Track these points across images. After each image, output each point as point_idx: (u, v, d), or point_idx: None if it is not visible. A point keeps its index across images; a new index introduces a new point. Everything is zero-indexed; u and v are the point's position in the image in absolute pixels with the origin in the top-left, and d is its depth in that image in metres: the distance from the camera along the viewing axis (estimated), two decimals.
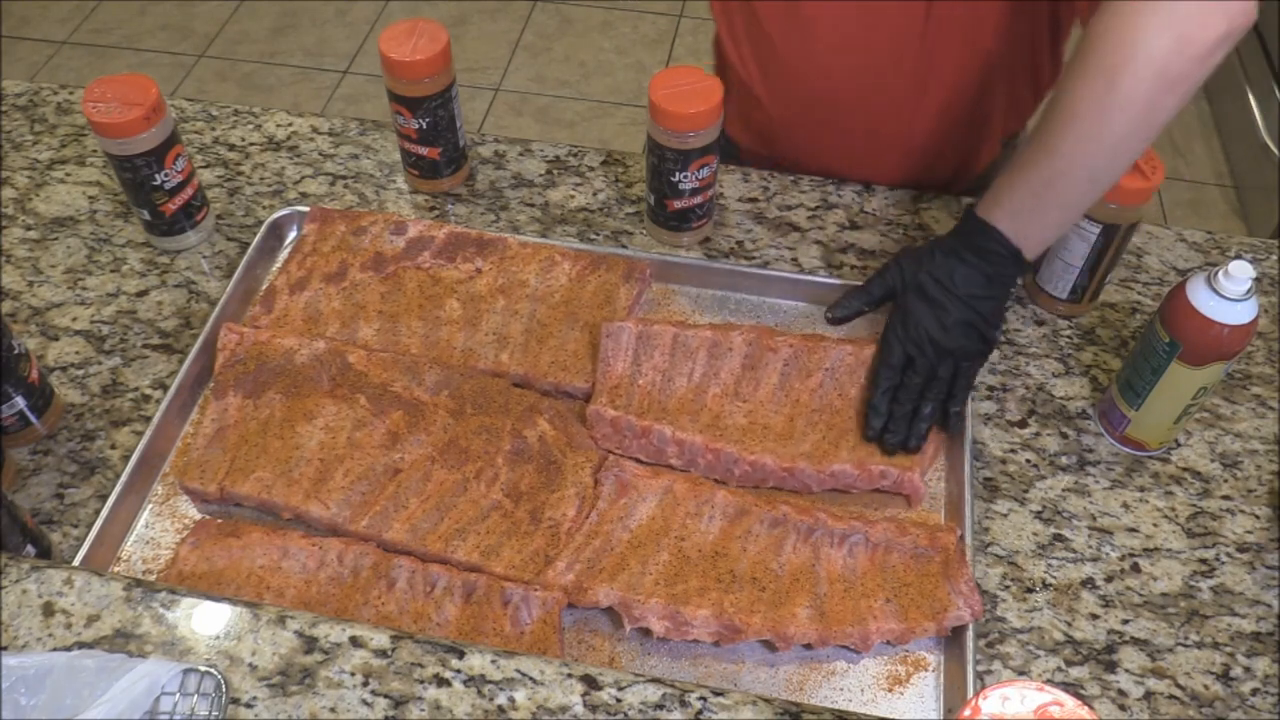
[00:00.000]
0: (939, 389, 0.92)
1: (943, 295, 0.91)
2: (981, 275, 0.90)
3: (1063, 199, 0.86)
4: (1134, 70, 0.77)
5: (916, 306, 0.92)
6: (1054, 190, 0.85)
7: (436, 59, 1.04)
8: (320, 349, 0.97)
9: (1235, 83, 2.58)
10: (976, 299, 0.91)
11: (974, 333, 0.91)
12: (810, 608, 0.83)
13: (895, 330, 0.94)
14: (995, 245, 0.89)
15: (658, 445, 0.93)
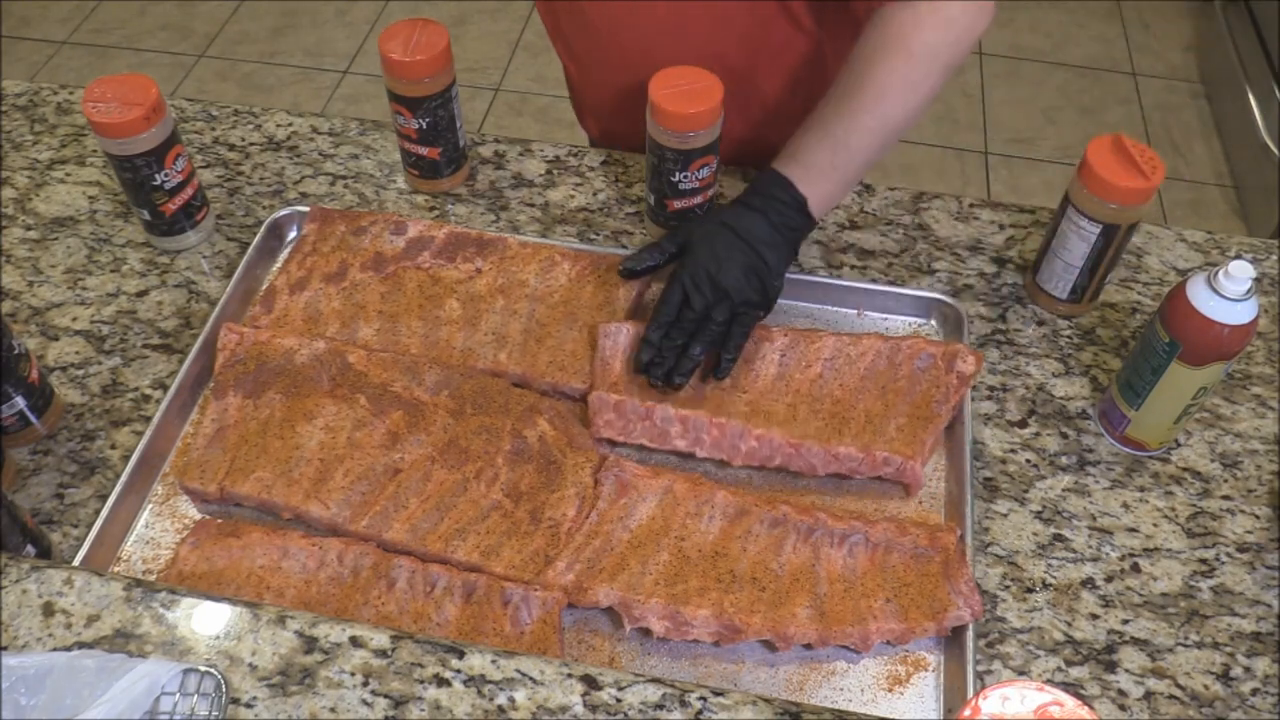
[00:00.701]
0: (712, 332, 0.93)
1: (728, 238, 0.94)
2: (767, 222, 0.94)
3: (855, 161, 0.95)
4: (933, 56, 0.93)
5: (701, 248, 0.95)
6: (849, 153, 0.94)
7: (436, 59, 1.04)
8: (320, 349, 0.97)
9: (1235, 83, 2.58)
10: (761, 244, 0.94)
11: (753, 279, 0.94)
12: (810, 608, 0.83)
13: (679, 269, 0.96)
14: (783, 194, 0.94)
15: (661, 426, 0.93)
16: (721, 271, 0.93)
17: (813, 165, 0.95)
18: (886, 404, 0.95)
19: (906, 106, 0.94)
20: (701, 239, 0.95)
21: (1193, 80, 2.92)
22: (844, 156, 0.95)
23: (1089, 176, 0.96)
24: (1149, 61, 2.98)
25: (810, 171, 0.94)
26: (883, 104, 0.93)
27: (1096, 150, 0.96)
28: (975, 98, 2.84)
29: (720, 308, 0.93)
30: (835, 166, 0.95)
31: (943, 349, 0.96)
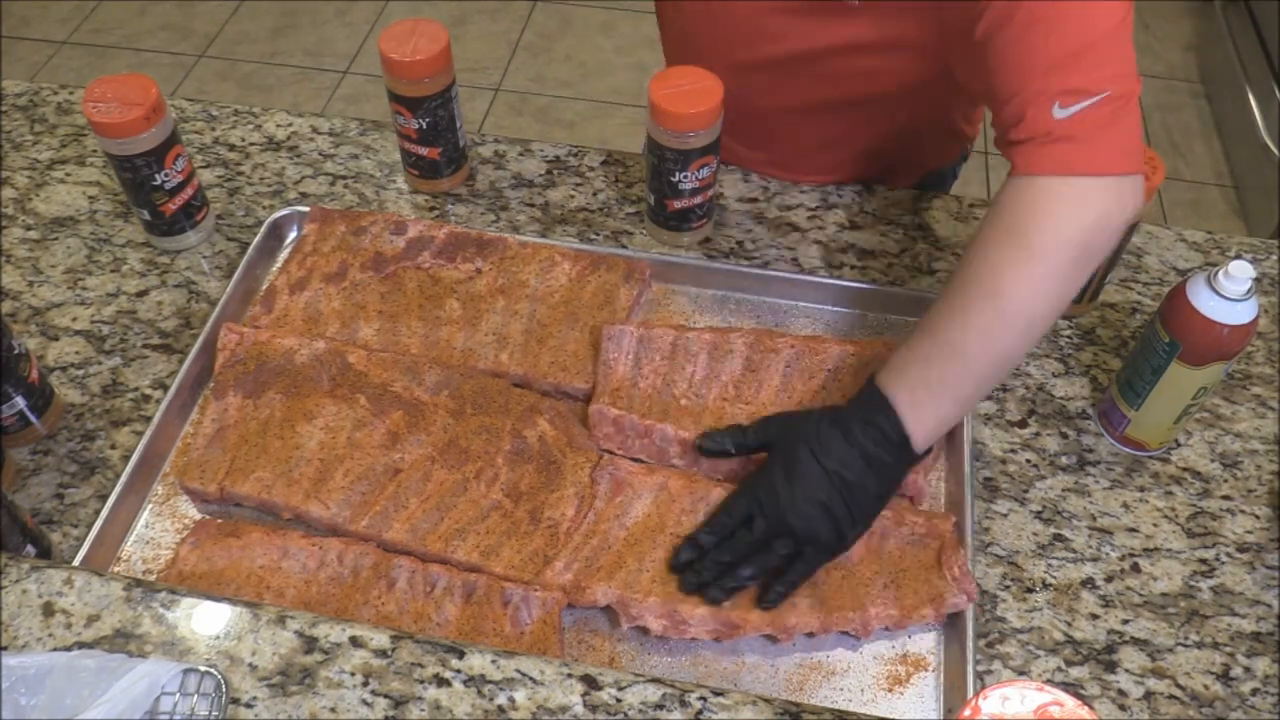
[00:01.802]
0: (768, 560, 0.82)
1: (810, 464, 0.82)
2: (860, 455, 0.81)
3: (972, 372, 0.80)
4: (1057, 246, 0.76)
5: (778, 466, 0.83)
6: (964, 362, 0.80)
7: (436, 59, 1.04)
8: (320, 349, 0.97)
9: (1235, 83, 2.58)
10: (846, 483, 0.81)
11: (828, 520, 0.81)
12: (809, 596, 0.83)
13: (750, 481, 0.86)
14: (885, 422, 0.81)
15: (660, 445, 0.93)
16: (795, 505, 0.81)
17: (919, 382, 0.80)
18: None
19: (1031, 305, 0.78)
20: (786, 452, 0.83)
21: (1193, 80, 2.92)
22: (957, 367, 0.79)
23: None
24: (1149, 61, 2.98)
25: (916, 391, 0.80)
26: (999, 301, 0.78)
27: None
28: None
29: (784, 541, 0.82)
30: (945, 382, 0.80)
31: None
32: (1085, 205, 0.77)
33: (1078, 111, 0.76)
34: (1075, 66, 0.77)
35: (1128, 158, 0.78)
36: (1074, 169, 0.77)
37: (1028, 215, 0.77)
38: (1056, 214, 0.77)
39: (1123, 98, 0.77)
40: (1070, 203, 0.77)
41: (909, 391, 0.81)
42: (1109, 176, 0.77)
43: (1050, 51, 0.77)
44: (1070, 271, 0.78)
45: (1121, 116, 0.77)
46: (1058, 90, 0.76)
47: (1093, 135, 0.76)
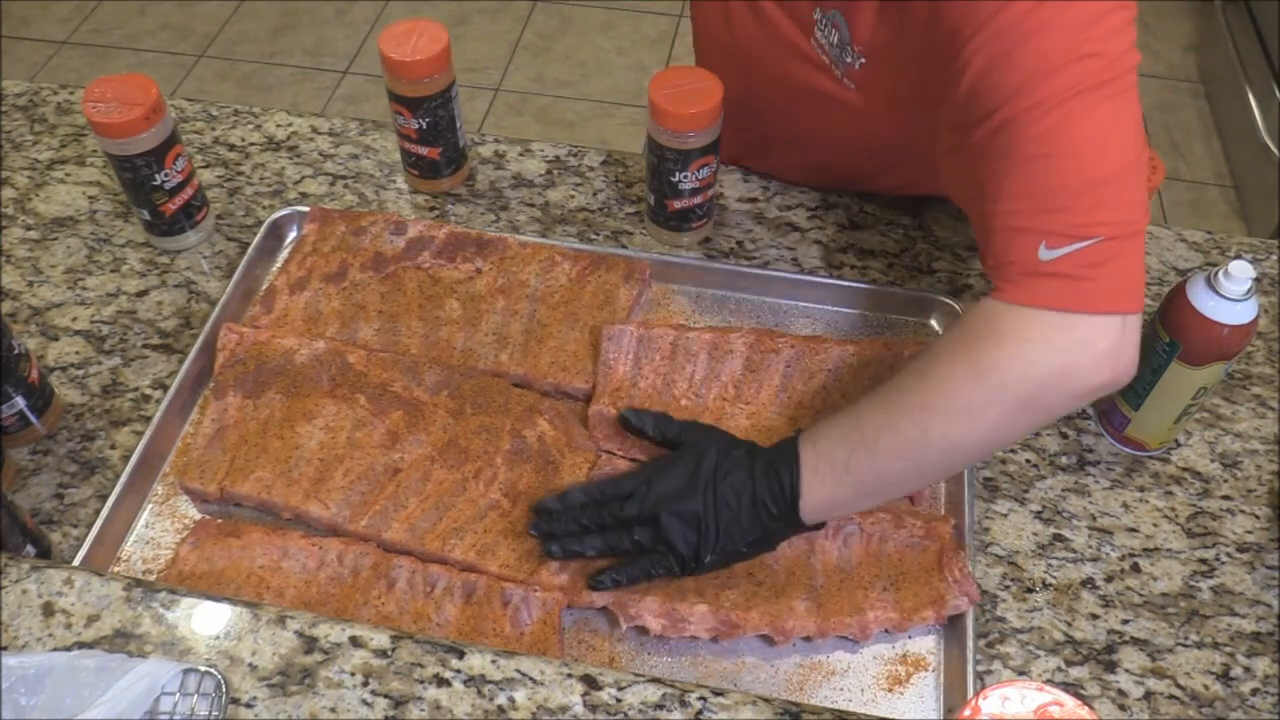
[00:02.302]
0: (619, 541, 0.82)
1: (706, 477, 0.81)
2: (751, 494, 0.79)
3: (876, 472, 0.77)
4: (1005, 384, 0.72)
5: (680, 464, 0.82)
6: (872, 459, 0.77)
7: (436, 59, 1.04)
8: (320, 349, 0.97)
9: (1235, 83, 2.58)
10: (727, 511, 0.80)
11: (693, 533, 0.80)
12: (807, 600, 0.83)
13: (651, 464, 0.86)
14: (785, 479, 0.79)
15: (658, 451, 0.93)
16: (672, 503, 0.80)
17: (827, 457, 0.78)
18: None
19: (956, 431, 0.74)
20: (694, 455, 0.83)
21: (1193, 80, 2.92)
22: (864, 460, 0.77)
23: None
24: (1149, 61, 2.98)
25: (821, 463, 0.78)
26: (929, 416, 0.74)
27: None
28: None
29: (645, 531, 0.81)
30: (850, 467, 0.77)
31: None
32: (1036, 355, 0.72)
33: (1067, 254, 0.71)
34: (1072, 207, 0.71)
35: (1120, 298, 0.72)
36: (1056, 304, 0.71)
37: (986, 343, 0.73)
38: (1020, 351, 0.72)
39: (1120, 240, 0.71)
40: (1037, 341, 0.72)
41: (815, 459, 0.78)
42: (1097, 316, 0.71)
43: (1049, 187, 0.72)
44: (1014, 416, 0.73)
45: (1117, 257, 0.71)
46: (1046, 230, 0.71)
47: (1081, 274, 0.71)
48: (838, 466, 0.78)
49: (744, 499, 0.80)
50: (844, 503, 0.80)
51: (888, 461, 0.76)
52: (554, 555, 0.83)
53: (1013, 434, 0.76)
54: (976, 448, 0.77)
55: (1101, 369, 0.72)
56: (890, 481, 0.79)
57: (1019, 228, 0.73)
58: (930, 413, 0.74)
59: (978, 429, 0.74)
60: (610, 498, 0.83)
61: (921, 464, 0.77)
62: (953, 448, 0.75)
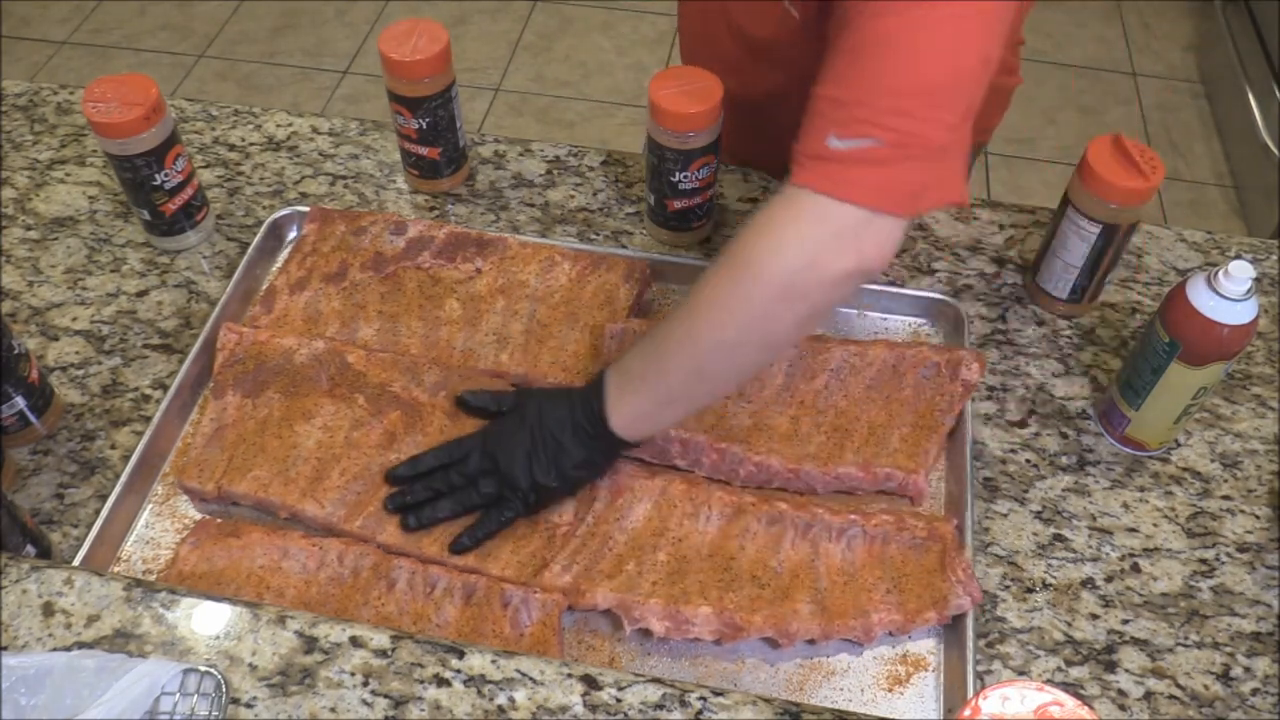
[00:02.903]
0: (469, 498, 0.87)
1: (533, 420, 0.87)
2: (571, 423, 0.85)
3: (666, 379, 0.81)
4: (760, 274, 0.74)
5: (512, 418, 0.89)
6: (660, 367, 0.81)
7: (436, 59, 1.04)
8: (319, 349, 0.97)
9: (1235, 83, 2.58)
10: (555, 443, 0.85)
11: (527, 467, 0.85)
12: (811, 602, 0.83)
13: (486, 426, 0.91)
14: (595, 404, 0.84)
15: (661, 445, 0.93)
16: (506, 447, 0.86)
17: (627, 372, 0.83)
18: (890, 414, 0.95)
19: (722, 328, 0.77)
20: (523, 409, 0.88)
21: (1193, 80, 2.92)
22: (655, 371, 0.81)
23: (1089, 176, 0.95)
24: (1149, 61, 2.98)
25: (623, 380, 0.83)
26: (695, 317, 0.78)
27: (1096, 150, 0.96)
28: None
29: (489, 480, 0.87)
30: (646, 381, 0.82)
31: (946, 356, 0.96)
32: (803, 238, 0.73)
33: (851, 148, 0.72)
34: (872, 104, 0.71)
35: (884, 196, 0.72)
36: (819, 186, 0.72)
37: (749, 236, 0.75)
38: (771, 244, 0.74)
39: (906, 151, 0.72)
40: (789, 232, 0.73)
41: (619, 378, 0.84)
42: (851, 206, 0.72)
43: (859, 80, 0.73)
44: (774, 308, 0.75)
45: (900, 163, 0.72)
46: (841, 119, 0.72)
47: (854, 165, 0.72)
48: (636, 380, 0.83)
49: (566, 427, 0.85)
50: (650, 414, 0.84)
51: (673, 368, 0.81)
52: (411, 527, 0.87)
53: (781, 327, 0.77)
54: (749, 344, 0.78)
55: (847, 254, 0.73)
56: (683, 385, 0.82)
57: (821, 111, 0.74)
58: (696, 313, 0.78)
59: (741, 323, 0.76)
60: (455, 458, 0.89)
61: (702, 365, 0.80)
62: (723, 344, 0.78)
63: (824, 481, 0.92)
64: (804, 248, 0.73)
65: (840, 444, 0.93)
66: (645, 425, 0.85)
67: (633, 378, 0.83)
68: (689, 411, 0.88)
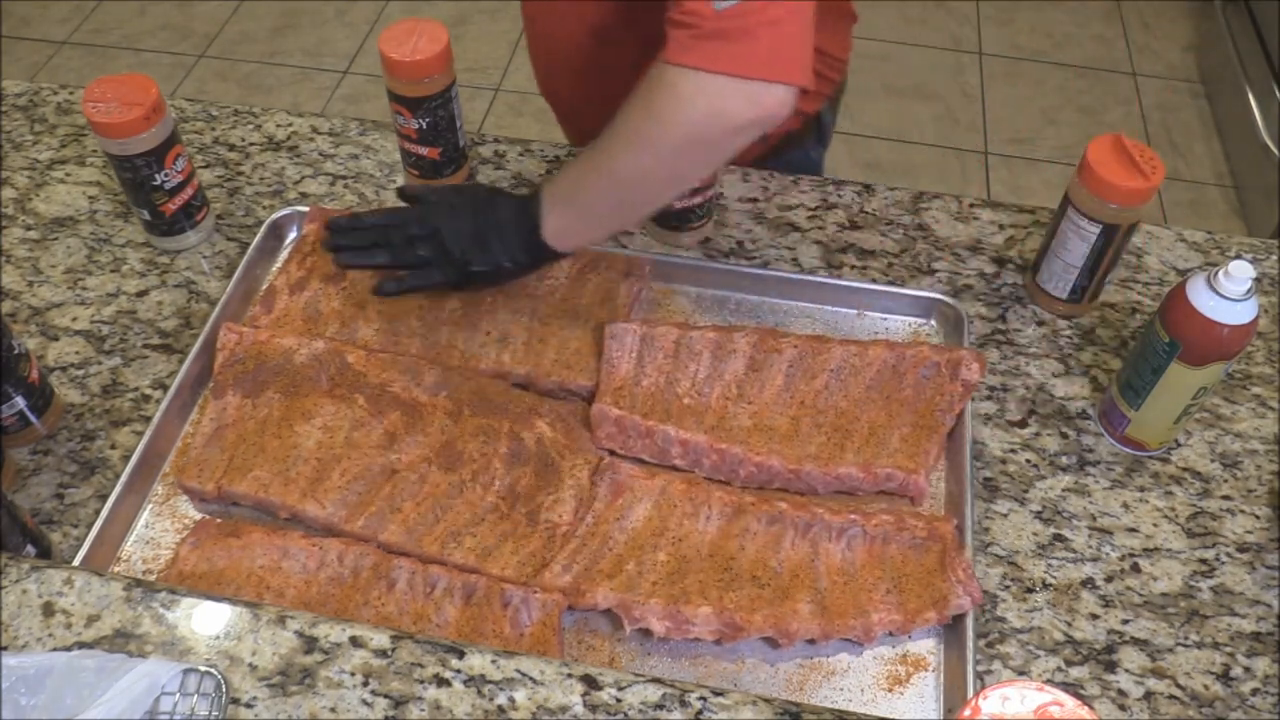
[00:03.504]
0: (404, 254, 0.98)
1: (479, 201, 0.96)
2: (512, 216, 0.94)
3: (592, 195, 0.91)
4: (669, 122, 0.82)
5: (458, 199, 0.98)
6: (586, 186, 0.91)
7: (436, 59, 1.04)
8: (319, 349, 0.97)
9: (1235, 83, 2.58)
10: (494, 227, 0.94)
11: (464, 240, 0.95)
12: (811, 602, 0.83)
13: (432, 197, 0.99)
14: (532, 209, 0.92)
15: (662, 446, 0.93)
16: (448, 216, 0.96)
17: (559, 189, 0.92)
18: (890, 414, 0.95)
19: (639, 161, 0.86)
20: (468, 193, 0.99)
21: (1193, 80, 2.92)
22: (583, 190, 0.91)
23: (1089, 176, 0.95)
24: (1149, 61, 2.98)
25: (556, 194, 0.92)
26: (612, 152, 0.87)
27: (1096, 150, 0.96)
28: (975, 98, 2.84)
29: (425, 244, 0.96)
30: (574, 197, 0.92)
31: (947, 356, 0.96)
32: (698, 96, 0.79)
33: (736, 5, 0.76)
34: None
35: (776, 65, 0.78)
36: (717, 66, 0.78)
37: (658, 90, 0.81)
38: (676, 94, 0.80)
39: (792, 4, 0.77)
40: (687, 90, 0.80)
41: (552, 192, 0.92)
42: (750, 81, 0.78)
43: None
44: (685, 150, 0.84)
45: (786, 22, 0.77)
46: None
47: (745, 34, 0.77)
48: (566, 196, 0.92)
49: (508, 223, 0.94)
50: (576, 229, 0.93)
51: (595, 192, 0.91)
52: (343, 264, 0.99)
53: (692, 166, 0.88)
54: (661, 179, 0.89)
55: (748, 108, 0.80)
56: (608, 204, 0.92)
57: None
58: (613, 149, 0.87)
59: (650, 164, 0.86)
60: (401, 221, 0.98)
61: (624, 190, 0.90)
62: (643, 176, 0.88)
63: (824, 482, 0.92)
64: (709, 103, 0.80)
65: (840, 444, 0.93)
66: (572, 238, 0.94)
67: (565, 195, 0.92)
68: (612, 230, 1.00)
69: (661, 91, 0.81)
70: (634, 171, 0.87)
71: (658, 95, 0.82)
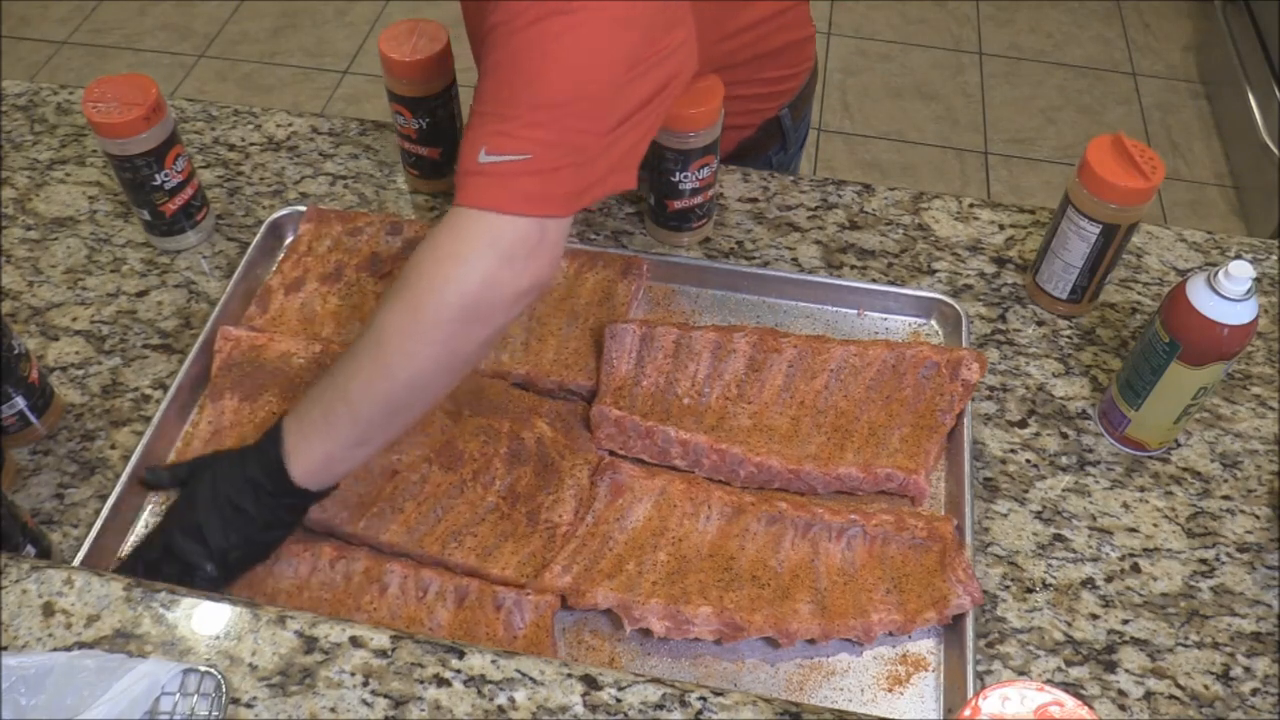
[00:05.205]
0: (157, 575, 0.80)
1: (204, 490, 0.82)
2: (248, 483, 0.80)
3: (359, 418, 0.78)
4: (442, 303, 0.75)
5: (184, 495, 0.84)
6: (349, 406, 0.77)
7: (436, 59, 1.04)
8: (318, 352, 0.97)
9: (1235, 83, 2.58)
10: (231, 508, 0.80)
11: (199, 543, 0.81)
12: (811, 602, 0.83)
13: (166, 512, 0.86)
14: (273, 456, 0.79)
15: (662, 446, 0.93)
16: (176, 527, 0.82)
17: (308, 419, 0.79)
18: (890, 414, 0.95)
19: (412, 358, 0.76)
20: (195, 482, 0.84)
21: (1193, 80, 2.92)
22: (341, 409, 0.78)
23: (1089, 176, 0.95)
24: (1149, 61, 2.98)
25: (304, 426, 0.79)
26: (380, 352, 0.76)
27: (1096, 150, 0.96)
28: (975, 98, 2.84)
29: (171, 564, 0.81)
30: (330, 422, 0.78)
31: (947, 356, 0.96)
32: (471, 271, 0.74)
33: (500, 162, 0.74)
34: (515, 118, 0.74)
35: (543, 202, 0.75)
36: (480, 202, 0.74)
37: (420, 264, 0.75)
38: (445, 274, 0.74)
39: (550, 165, 0.74)
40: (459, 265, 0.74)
41: (297, 425, 0.80)
42: (512, 216, 0.74)
43: (503, 97, 0.75)
44: (461, 331, 0.76)
45: (548, 174, 0.75)
46: (490, 133, 0.75)
47: (501, 178, 0.74)
48: (319, 425, 0.79)
49: (242, 490, 0.80)
50: (338, 457, 0.80)
51: (364, 405, 0.77)
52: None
53: (469, 346, 0.78)
54: (440, 370, 0.78)
55: (522, 275, 0.75)
56: (374, 423, 0.79)
57: (474, 126, 0.77)
58: (383, 347, 0.76)
59: (433, 351, 0.76)
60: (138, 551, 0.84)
61: (394, 398, 0.78)
62: (417, 375, 0.77)
63: (824, 482, 0.92)
64: (482, 269, 0.74)
65: (840, 444, 0.93)
66: (331, 472, 0.81)
67: (317, 425, 0.79)
68: (378, 449, 0.82)
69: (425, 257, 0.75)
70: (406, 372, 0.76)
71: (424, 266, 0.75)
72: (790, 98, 1.19)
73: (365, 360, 0.77)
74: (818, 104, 2.75)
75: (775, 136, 1.21)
